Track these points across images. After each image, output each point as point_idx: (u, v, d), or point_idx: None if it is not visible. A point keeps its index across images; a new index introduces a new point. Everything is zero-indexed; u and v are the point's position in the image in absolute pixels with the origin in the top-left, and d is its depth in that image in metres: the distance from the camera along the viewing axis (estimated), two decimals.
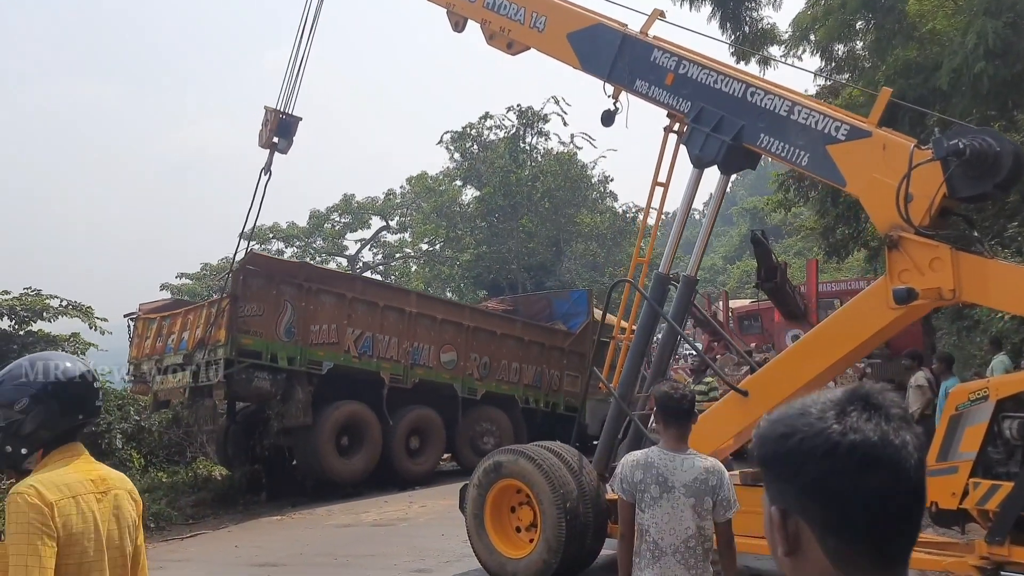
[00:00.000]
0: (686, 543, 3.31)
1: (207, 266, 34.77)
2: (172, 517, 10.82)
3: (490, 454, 7.03)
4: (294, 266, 11.87)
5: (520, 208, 33.41)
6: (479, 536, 6.75)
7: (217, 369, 10.38)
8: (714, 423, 6.46)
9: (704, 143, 6.45)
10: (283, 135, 9.69)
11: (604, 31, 7.19)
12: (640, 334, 7.09)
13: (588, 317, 15.00)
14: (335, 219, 37.32)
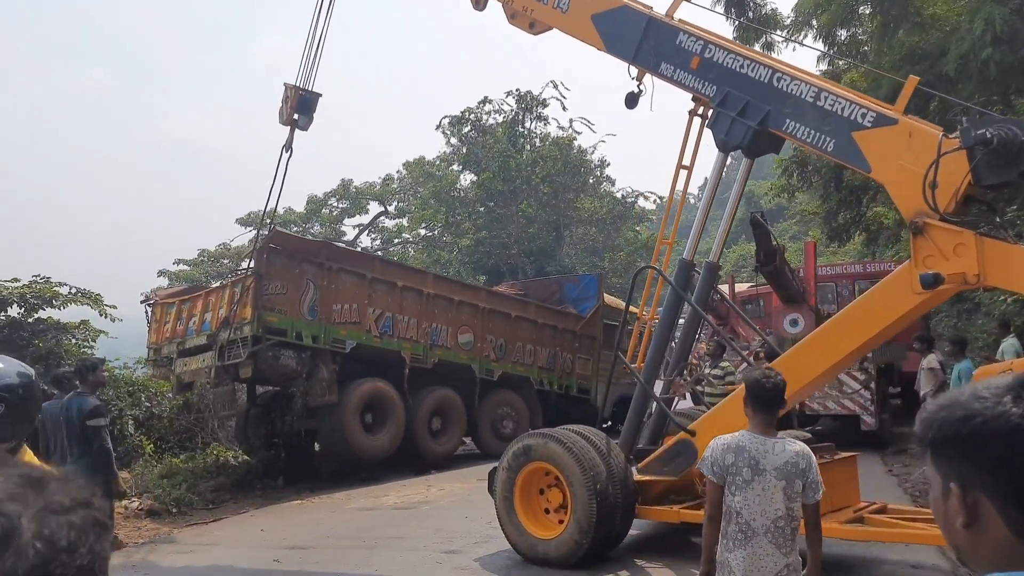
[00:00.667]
0: (775, 523, 3.44)
1: (204, 252, 34.70)
2: (193, 502, 10.92)
3: (519, 438, 7.16)
4: (316, 245, 11.97)
5: (520, 193, 33.48)
6: (509, 518, 6.90)
7: (244, 347, 10.47)
8: (738, 406, 6.62)
9: (730, 127, 6.55)
10: (303, 112, 9.69)
11: (630, 13, 7.23)
12: (665, 319, 7.24)
13: (598, 301, 15.20)
14: (333, 204, 37.28)
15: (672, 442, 6.79)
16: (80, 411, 6.66)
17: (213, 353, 10.94)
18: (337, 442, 11.59)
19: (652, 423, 7.40)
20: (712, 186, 7.13)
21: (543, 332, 14.30)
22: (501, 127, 34.51)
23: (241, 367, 10.60)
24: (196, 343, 11.45)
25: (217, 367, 10.89)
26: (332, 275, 11.37)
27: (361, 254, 13.12)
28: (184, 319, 11.78)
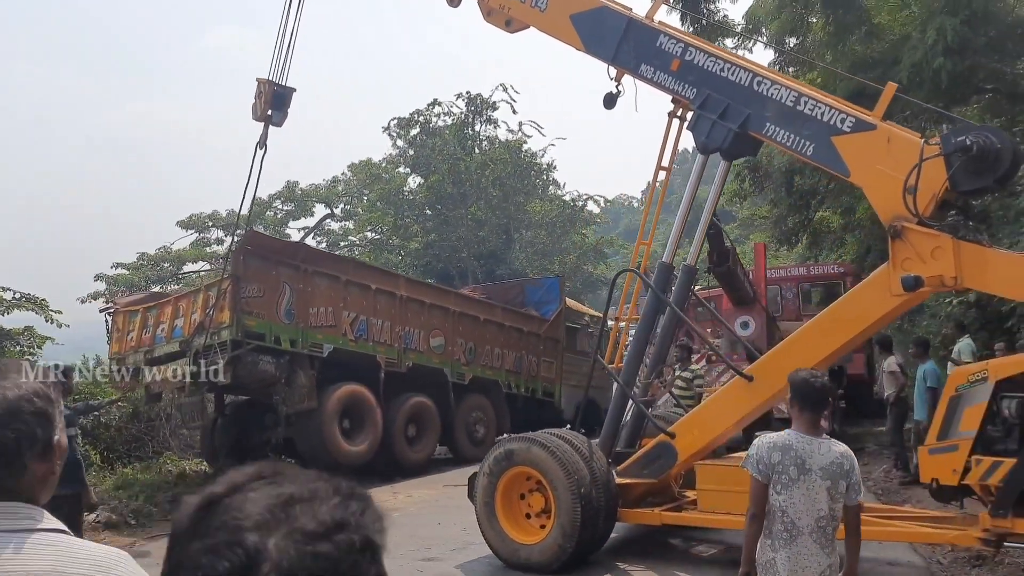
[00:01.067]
0: (818, 523, 3.43)
1: (144, 255, 33.67)
2: (152, 513, 10.58)
3: (499, 442, 7.12)
4: (291, 246, 11.75)
5: (469, 196, 33.42)
6: (490, 523, 6.84)
7: (221, 352, 10.18)
8: (719, 408, 6.69)
9: (711, 130, 6.66)
10: (277, 108, 9.50)
11: (609, 14, 7.30)
12: (644, 321, 7.31)
13: (561, 304, 15.30)
14: (277, 207, 36.59)
15: (652, 444, 6.87)
16: None
17: (187, 360, 10.58)
18: (317, 449, 11.32)
19: (630, 425, 7.43)
20: (692, 188, 7.24)
21: (510, 335, 14.35)
22: (450, 129, 34.40)
23: (219, 373, 10.28)
24: (167, 351, 11.07)
25: (192, 373, 10.55)
26: (307, 277, 11.19)
27: (335, 256, 12.92)
28: (151, 327, 11.38)
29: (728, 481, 6.30)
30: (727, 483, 6.31)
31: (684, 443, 6.59)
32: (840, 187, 18.35)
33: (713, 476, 6.55)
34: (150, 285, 32.23)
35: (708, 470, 6.66)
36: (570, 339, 15.95)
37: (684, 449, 6.59)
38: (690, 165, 40.61)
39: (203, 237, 34.45)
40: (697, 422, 6.68)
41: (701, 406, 7.04)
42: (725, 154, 6.84)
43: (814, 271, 17.45)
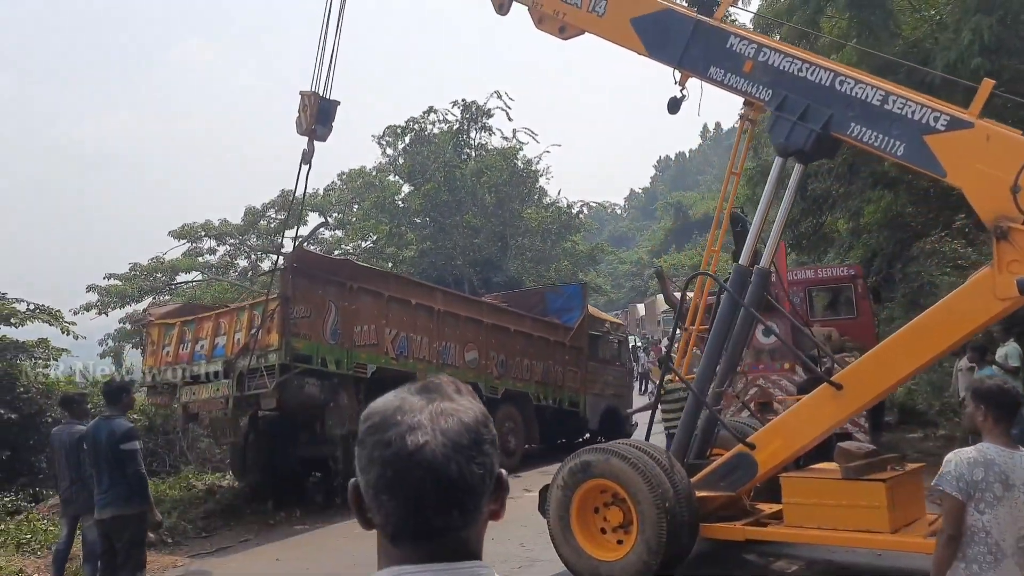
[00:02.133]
0: (1018, 543, 3.22)
1: (137, 266, 33.06)
2: (186, 530, 10.28)
3: (574, 454, 6.84)
4: (337, 263, 11.31)
5: (464, 203, 33.23)
6: (565, 539, 6.57)
7: (268, 376, 9.82)
8: (804, 418, 6.39)
9: (790, 132, 6.43)
10: (322, 121, 9.17)
11: (674, 17, 7.13)
12: (719, 327, 6.99)
13: (583, 311, 15.09)
14: (271, 216, 36.13)
15: (729, 455, 6.60)
16: (112, 435, 6.11)
17: (230, 382, 10.19)
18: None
19: (700, 435, 7.13)
20: (770, 191, 6.97)
21: (537, 346, 14.18)
22: (446, 136, 34.23)
23: (265, 398, 9.96)
24: (207, 370, 10.67)
25: (236, 398, 10.17)
26: (353, 295, 10.88)
27: (379, 271, 12.54)
28: (188, 342, 10.98)
29: (817, 494, 6.10)
30: (815, 496, 6.11)
31: (765, 455, 6.36)
32: (848, 192, 18.40)
33: (800, 488, 6.29)
34: (144, 296, 31.75)
35: (795, 482, 6.39)
36: (592, 347, 15.77)
37: (765, 461, 6.36)
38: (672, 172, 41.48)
39: (195, 247, 33.92)
40: (780, 432, 6.44)
41: (784, 415, 6.75)
42: (805, 157, 6.61)
43: (822, 274, 16.98)
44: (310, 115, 9.08)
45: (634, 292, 61.32)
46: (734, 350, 7.16)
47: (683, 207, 75.60)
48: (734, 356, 7.26)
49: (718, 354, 7.00)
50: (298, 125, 9.26)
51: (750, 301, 6.93)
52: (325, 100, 9.15)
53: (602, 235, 64.74)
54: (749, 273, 6.98)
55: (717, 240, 7.77)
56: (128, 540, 6.15)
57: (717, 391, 7.32)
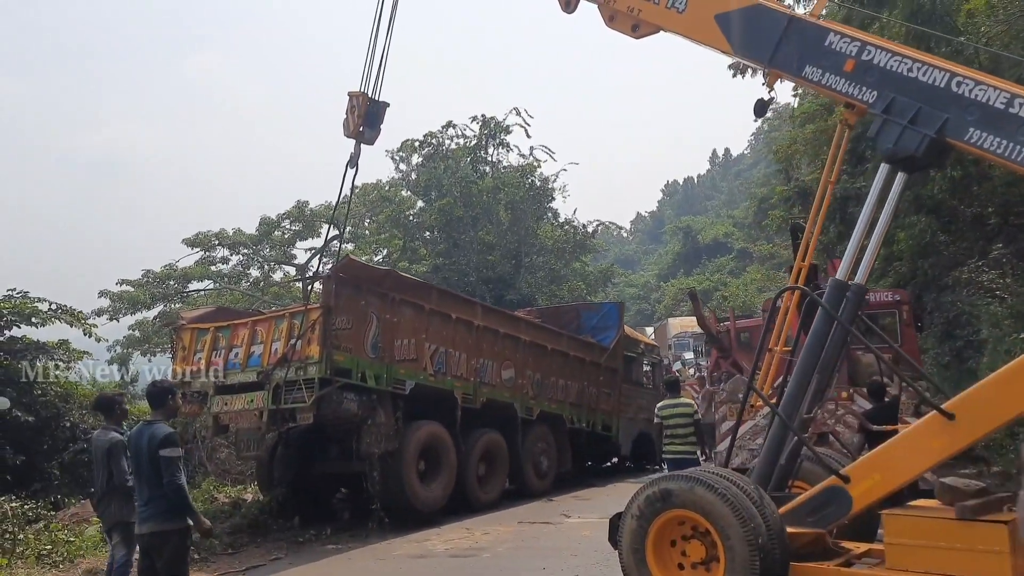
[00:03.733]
0: None
1: (149, 272, 32.79)
2: (214, 547, 9.81)
3: (652, 481, 6.28)
4: (380, 273, 10.82)
5: (480, 220, 32.99)
6: (640, 573, 6.03)
7: (307, 389, 9.39)
8: (909, 449, 5.89)
9: (900, 137, 5.97)
10: (371, 124, 8.82)
11: (765, 12, 6.65)
12: (812, 346, 6.42)
13: (619, 331, 14.71)
14: (286, 226, 35.91)
15: (820, 488, 6.09)
16: (152, 440, 5.63)
17: (266, 394, 9.74)
18: (393, 492, 10.53)
19: (781, 466, 6.72)
20: (874, 202, 6.34)
21: (573, 366, 13.81)
22: (463, 151, 34.06)
23: (302, 412, 9.47)
24: (241, 379, 10.22)
25: (271, 411, 9.71)
26: (394, 307, 10.46)
27: (421, 283, 12.09)
28: (222, 349, 10.52)
29: (926, 535, 5.52)
30: (924, 537, 5.53)
31: (861, 489, 5.82)
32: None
33: (907, 528, 5.68)
34: (155, 303, 31.43)
35: (900, 521, 5.76)
36: (626, 368, 15.36)
37: (860, 497, 5.83)
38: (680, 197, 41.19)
39: (208, 256, 33.66)
40: (880, 465, 5.90)
41: (885, 446, 6.12)
42: (915, 163, 6.10)
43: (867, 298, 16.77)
44: (358, 117, 8.73)
45: (640, 316, 60.88)
46: (824, 373, 6.52)
47: (692, 231, 75.41)
48: (824, 380, 6.61)
49: (809, 376, 6.41)
50: (345, 127, 8.91)
51: (846, 319, 6.31)
52: (374, 102, 8.81)
53: (608, 258, 64.50)
54: (846, 288, 6.38)
55: (807, 255, 7.23)
56: (169, 558, 5.68)
57: (808, 417, 6.82)
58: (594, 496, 13.48)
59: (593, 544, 9.50)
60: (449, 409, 11.30)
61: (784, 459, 6.52)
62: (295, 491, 11.32)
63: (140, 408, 12.65)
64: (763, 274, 51.27)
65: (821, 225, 7.40)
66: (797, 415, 6.41)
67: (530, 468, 12.92)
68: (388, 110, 9.23)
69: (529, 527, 10.79)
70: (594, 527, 10.64)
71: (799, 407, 6.44)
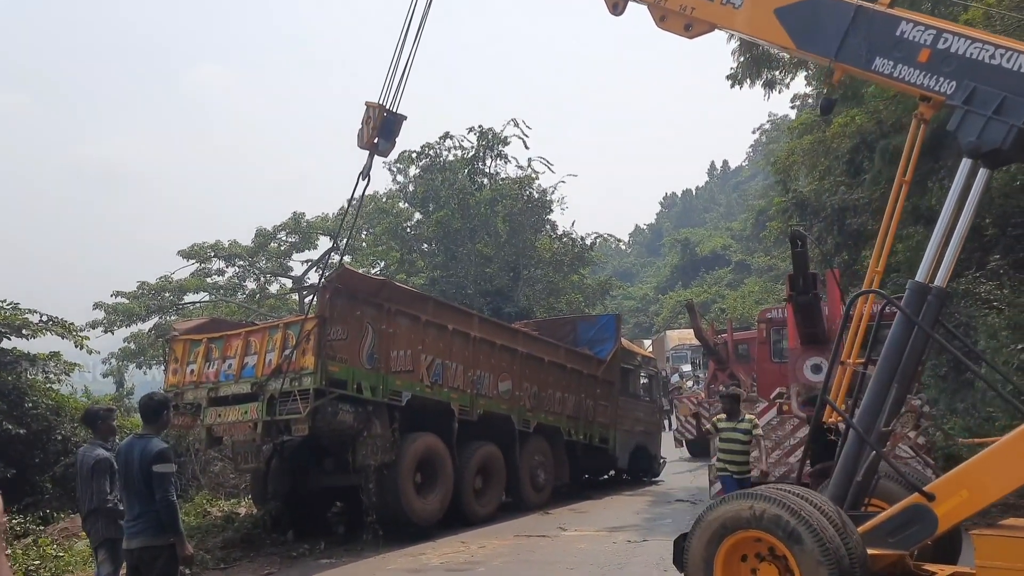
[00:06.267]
0: None
1: (144, 284, 32.70)
2: (206, 562, 9.67)
3: (723, 500, 5.89)
4: (376, 284, 10.71)
5: (477, 232, 32.89)
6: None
7: (302, 400, 9.26)
8: (1003, 465, 5.47)
9: (983, 129, 5.66)
10: (385, 136, 8.72)
11: (830, 3, 6.37)
12: (890, 353, 6.03)
13: (616, 343, 14.62)
14: (281, 238, 35.86)
15: (902, 507, 5.70)
16: (144, 455, 5.48)
17: (260, 405, 9.62)
18: (389, 505, 10.41)
19: (858, 483, 6.12)
20: (956, 200, 6.00)
21: (570, 378, 13.72)
22: (460, 163, 33.99)
23: (296, 424, 9.35)
24: (234, 391, 10.09)
25: (266, 422, 9.59)
26: (390, 318, 10.35)
27: (418, 294, 11.97)
28: (215, 360, 10.40)
29: (1022, 558, 5.14)
30: (1021, 560, 5.15)
31: (947, 507, 5.46)
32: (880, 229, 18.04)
33: (1001, 551, 5.28)
34: (151, 315, 31.31)
35: (994, 543, 5.34)
36: (623, 381, 15.26)
37: (946, 515, 5.46)
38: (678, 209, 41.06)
39: (204, 267, 33.56)
40: (968, 481, 5.50)
41: (973, 461, 5.71)
42: (1000, 157, 5.81)
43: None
44: (373, 128, 8.63)
45: (638, 328, 60.78)
46: (903, 382, 6.12)
47: (690, 243, 75.39)
48: (903, 389, 6.19)
49: (888, 386, 6.03)
50: (359, 138, 8.78)
51: (927, 324, 5.92)
52: (391, 113, 8.70)
53: (606, 270, 64.41)
54: (928, 291, 6.00)
55: (880, 260, 6.81)
56: (159, 573, 5.56)
57: (886, 430, 6.26)
58: (591, 509, 13.36)
59: (589, 557, 9.37)
60: (446, 421, 11.18)
61: (861, 475, 6.14)
62: (289, 505, 11.18)
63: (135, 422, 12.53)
64: (761, 286, 51.24)
65: (895, 230, 6.92)
66: (875, 428, 6.04)
67: (527, 481, 12.79)
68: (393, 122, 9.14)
69: (526, 540, 10.66)
70: (590, 540, 10.51)
71: (877, 420, 6.07)
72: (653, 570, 8.55)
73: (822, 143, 19.34)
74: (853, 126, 17.57)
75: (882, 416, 6.02)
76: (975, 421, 13.91)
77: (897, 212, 6.53)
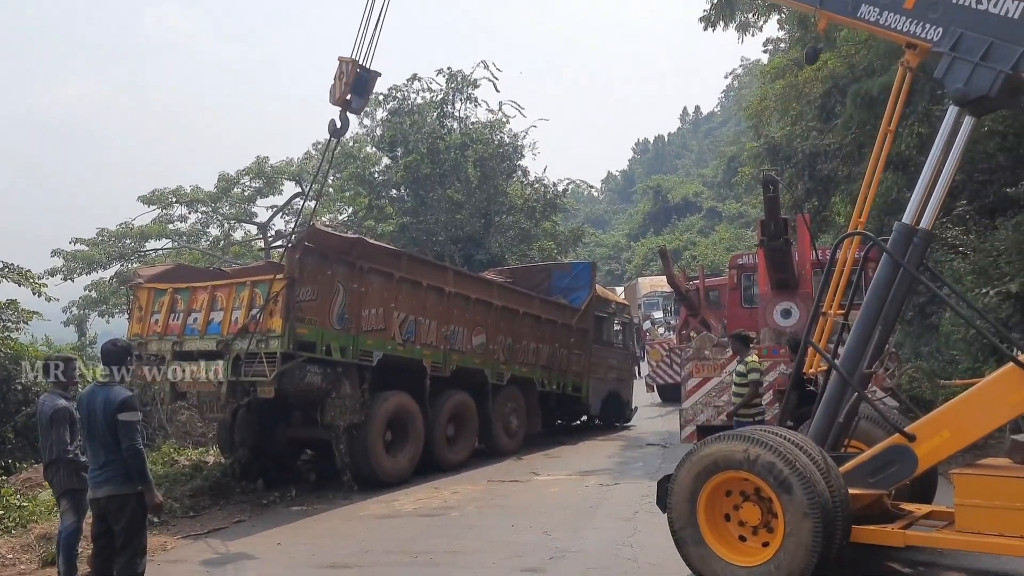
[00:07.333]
0: None
1: (104, 231, 31.98)
2: (175, 510, 9.56)
3: (703, 442, 5.86)
4: (348, 242, 10.37)
5: (447, 177, 32.44)
6: (691, 539, 5.70)
7: (268, 363, 9.05)
8: (983, 405, 5.51)
9: (971, 75, 5.58)
10: (359, 93, 8.47)
11: None
12: (875, 295, 6.03)
13: (591, 291, 14.55)
14: (245, 183, 35.14)
15: (883, 447, 5.78)
16: (108, 403, 5.38)
17: (225, 364, 9.37)
18: (359, 464, 10.36)
19: (838, 424, 6.14)
20: (943, 147, 5.94)
21: (545, 328, 13.69)
22: (429, 106, 33.32)
23: (262, 386, 9.14)
24: (200, 347, 9.83)
25: (231, 383, 9.37)
26: (362, 276, 10.10)
27: (390, 249, 11.68)
28: (180, 313, 10.06)
29: (1002, 496, 5.21)
30: (1000, 498, 5.21)
31: (928, 447, 5.54)
32: (852, 174, 18.04)
33: (981, 489, 5.33)
34: (111, 262, 30.68)
35: (972, 481, 5.39)
36: (597, 329, 15.25)
37: (926, 456, 5.55)
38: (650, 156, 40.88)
39: (166, 214, 32.88)
40: (948, 422, 5.56)
41: (954, 402, 5.71)
42: (988, 104, 5.73)
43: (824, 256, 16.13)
44: (345, 84, 8.34)
45: (610, 276, 60.97)
46: (887, 324, 6.15)
47: (662, 190, 75.36)
48: (887, 332, 6.23)
49: (872, 328, 6.04)
50: (331, 93, 8.54)
51: (912, 266, 5.92)
52: (364, 70, 8.44)
53: (578, 217, 64.24)
54: (914, 233, 5.96)
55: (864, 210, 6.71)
56: (127, 522, 5.44)
57: (867, 372, 6.27)
58: (564, 454, 13.47)
59: (562, 500, 9.45)
60: (418, 378, 11.10)
61: (842, 417, 6.16)
62: (258, 454, 11.07)
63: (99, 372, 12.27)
64: (732, 233, 51.54)
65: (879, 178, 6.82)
66: (857, 370, 6.06)
67: (499, 428, 12.85)
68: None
69: (498, 485, 10.73)
70: (563, 484, 10.60)
71: (860, 362, 6.08)
72: (624, 511, 8.64)
73: (794, 88, 19.17)
74: (825, 70, 17.42)
75: (864, 358, 6.02)
76: (939, 364, 14.12)
77: (881, 161, 6.45)
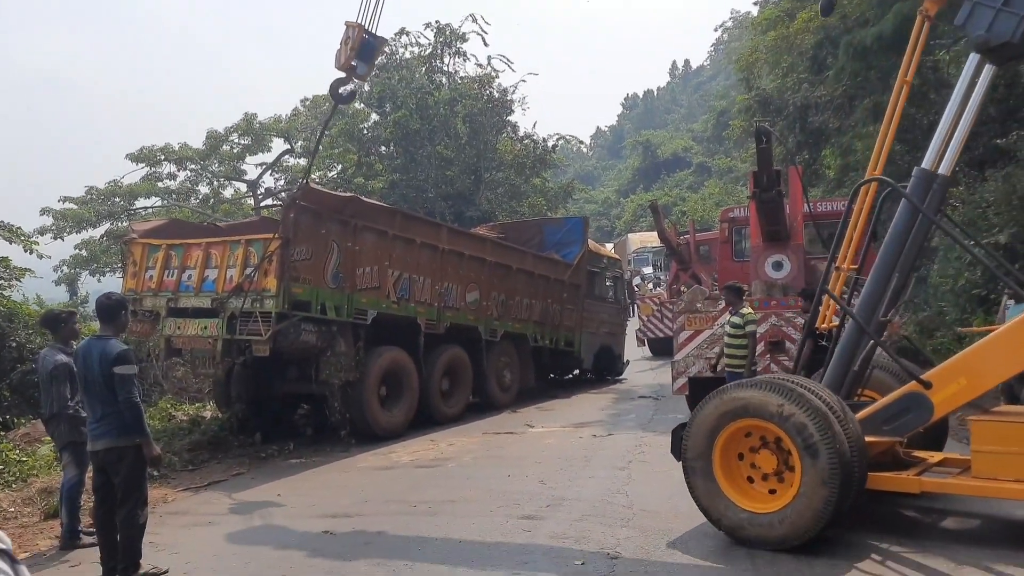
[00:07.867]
0: None
1: (93, 189, 31.69)
2: (174, 463, 9.69)
3: (719, 390, 5.82)
4: (342, 200, 10.31)
5: (437, 133, 32.17)
6: (705, 486, 5.71)
7: (263, 322, 9.09)
8: (1001, 352, 5.46)
9: (994, 21, 5.49)
10: (364, 58, 8.29)
11: None
12: (893, 242, 5.95)
13: (584, 247, 14.60)
14: (234, 140, 34.79)
15: (899, 395, 5.77)
16: (104, 356, 5.41)
17: (220, 322, 9.42)
18: (355, 420, 10.52)
19: (853, 372, 6.14)
20: (963, 93, 5.85)
21: (538, 284, 13.76)
22: (418, 61, 32.91)
23: (258, 345, 9.18)
24: (194, 304, 9.85)
25: (225, 341, 9.42)
26: (356, 234, 10.09)
27: (384, 207, 11.62)
28: (175, 269, 10.07)
29: (1018, 442, 5.22)
30: (1016, 444, 5.22)
31: (944, 395, 5.52)
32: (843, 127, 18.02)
33: (997, 436, 5.33)
34: (101, 221, 30.48)
35: (989, 427, 5.39)
36: (589, 284, 15.35)
37: (942, 403, 5.54)
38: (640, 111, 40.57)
39: (155, 172, 32.57)
40: (965, 368, 5.50)
41: (971, 350, 5.63)
42: (1010, 51, 5.60)
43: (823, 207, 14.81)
44: (350, 49, 8.19)
45: (601, 232, 60.97)
46: (904, 272, 6.09)
47: (651, 146, 75.02)
48: (904, 279, 6.16)
49: (889, 275, 5.98)
50: (336, 58, 8.32)
51: (931, 212, 5.86)
52: (371, 36, 8.24)
53: (568, 173, 63.90)
54: (933, 178, 5.88)
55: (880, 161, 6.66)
56: (127, 474, 5.51)
57: (884, 320, 6.25)
58: (557, 407, 13.64)
59: (556, 451, 9.60)
60: (412, 335, 11.20)
61: (857, 365, 6.16)
62: (255, 408, 11.18)
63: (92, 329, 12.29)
64: (721, 188, 51.42)
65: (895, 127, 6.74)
66: (874, 318, 6.03)
67: (494, 381, 13.01)
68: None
69: (494, 437, 10.88)
70: (557, 436, 10.76)
71: (876, 310, 6.05)
72: (618, 461, 8.79)
73: (785, 39, 19.06)
74: (817, 21, 17.29)
75: (881, 306, 6.01)
76: (927, 315, 14.28)
77: (898, 112, 6.39)
